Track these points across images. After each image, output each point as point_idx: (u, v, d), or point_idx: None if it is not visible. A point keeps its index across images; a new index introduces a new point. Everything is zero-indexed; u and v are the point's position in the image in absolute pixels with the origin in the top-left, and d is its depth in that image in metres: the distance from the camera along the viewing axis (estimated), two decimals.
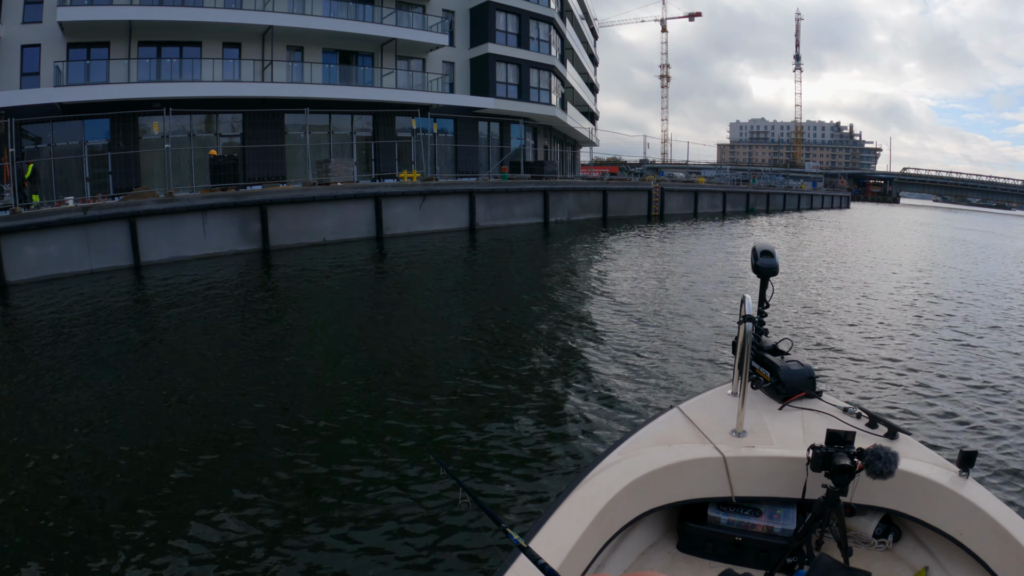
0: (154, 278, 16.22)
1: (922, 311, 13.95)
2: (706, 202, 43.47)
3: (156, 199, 18.87)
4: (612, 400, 7.57)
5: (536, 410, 7.36)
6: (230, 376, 8.61)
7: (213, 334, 11.05)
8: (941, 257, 26.27)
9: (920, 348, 10.66)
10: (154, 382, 8.35)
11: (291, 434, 6.60)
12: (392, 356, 9.68)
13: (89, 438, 6.56)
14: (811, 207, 62.86)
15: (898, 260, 23.86)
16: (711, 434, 3.19)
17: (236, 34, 27.62)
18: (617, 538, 2.78)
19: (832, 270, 19.74)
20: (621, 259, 20.38)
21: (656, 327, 11.41)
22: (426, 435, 6.60)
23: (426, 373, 8.82)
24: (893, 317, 13.26)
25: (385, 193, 23.94)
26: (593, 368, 8.89)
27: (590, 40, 57.36)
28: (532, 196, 30.03)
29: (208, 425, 6.91)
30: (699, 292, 15.02)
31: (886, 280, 18.51)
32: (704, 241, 27.00)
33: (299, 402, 7.51)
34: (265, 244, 20.50)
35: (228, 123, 28.02)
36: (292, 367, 8.97)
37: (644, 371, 8.70)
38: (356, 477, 5.68)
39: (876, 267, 21.25)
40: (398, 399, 7.58)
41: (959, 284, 18.22)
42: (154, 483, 5.57)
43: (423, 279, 16.71)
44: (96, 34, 24.42)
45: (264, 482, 5.58)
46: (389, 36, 31.48)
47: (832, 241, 30.41)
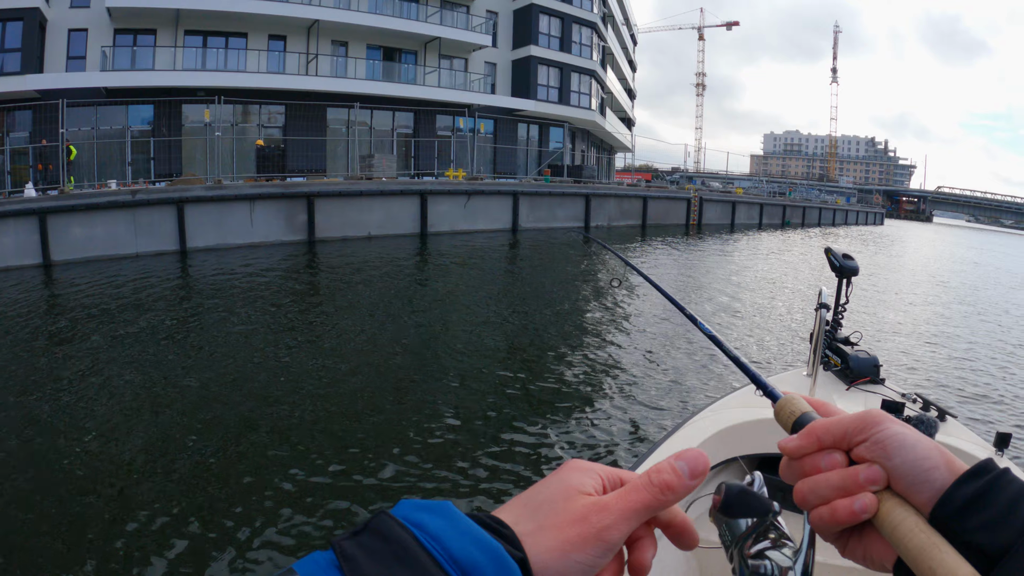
0: (203, 263, 15.83)
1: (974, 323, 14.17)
2: (743, 213, 42.69)
3: (204, 186, 18.49)
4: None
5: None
6: (280, 370, 8.09)
7: (256, 326, 10.55)
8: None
9: (971, 350, 11.31)
10: (193, 369, 7.88)
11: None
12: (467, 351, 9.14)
13: (123, 425, 6.14)
14: (845, 222, 61.90)
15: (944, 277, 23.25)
16: None
17: (282, 26, 27.38)
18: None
19: (890, 280, 19.15)
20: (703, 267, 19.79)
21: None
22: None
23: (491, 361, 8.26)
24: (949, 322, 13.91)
25: (431, 191, 23.44)
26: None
27: (629, 46, 56.90)
28: (574, 200, 29.41)
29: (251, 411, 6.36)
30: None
31: (943, 291, 18.37)
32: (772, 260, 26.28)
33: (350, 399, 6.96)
34: (311, 235, 20.02)
35: (271, 114, 27.71)
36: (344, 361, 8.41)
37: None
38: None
39: (929, 280, 20.63)
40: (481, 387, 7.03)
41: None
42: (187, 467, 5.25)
43: (474, 278, 16.19)
44: (143, 21, 24.27)
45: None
46: (433, 35, 31.14)
47: (882, 255, 29.70)
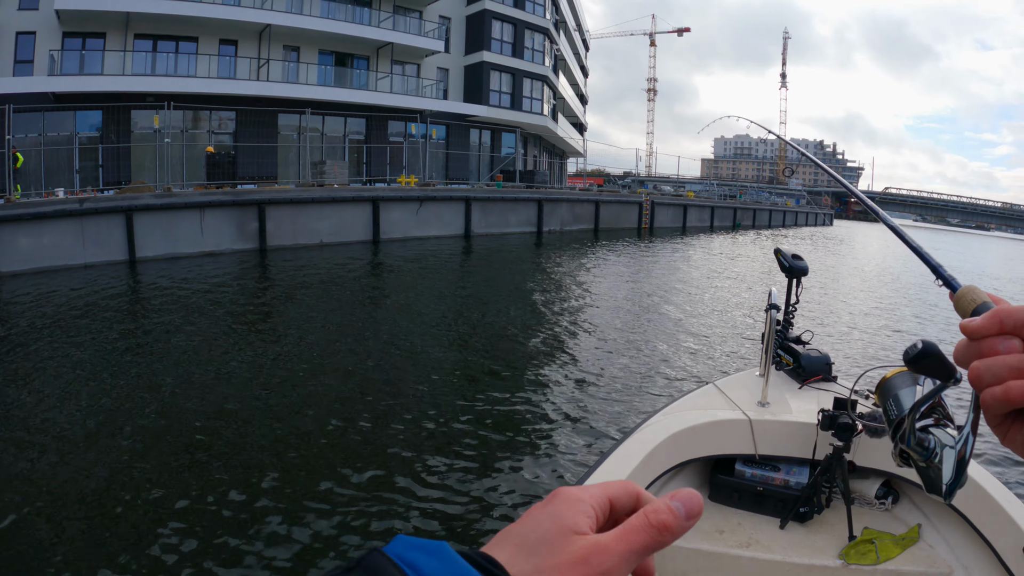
0: (151, 274, 15.82)
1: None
2: (695, 216, 43.68)
3: (154, 194, 18.43)
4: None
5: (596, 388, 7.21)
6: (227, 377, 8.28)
7: (210, 338, 10.69)
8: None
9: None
10: (137, 385, 8.00)
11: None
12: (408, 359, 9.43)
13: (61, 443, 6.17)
14: (795, 224, 63.66)
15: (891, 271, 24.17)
16: (740, 403, 3.69)
17: (233, 31, 27.27)
18: (658, 483, 3.24)
19: (838, 277, 19.85)
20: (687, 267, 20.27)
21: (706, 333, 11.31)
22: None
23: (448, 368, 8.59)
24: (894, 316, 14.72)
25: (383, 197, 23.66)
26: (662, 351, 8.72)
27: (581, 51, 57.62)
28: (527, 205, 29.86)
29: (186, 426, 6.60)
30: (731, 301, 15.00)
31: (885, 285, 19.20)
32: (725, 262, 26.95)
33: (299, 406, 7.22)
34: (262, 243, 20.10)
35: (221, 120, 27.57)
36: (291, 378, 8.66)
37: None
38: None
39: (878, 277, 21.43)
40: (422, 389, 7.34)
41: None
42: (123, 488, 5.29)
43: (427, 286, 16.46)
44: (92, 24, 23.98)
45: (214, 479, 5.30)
46: (386, 40, 31.31)
47: (832, 256, 30.63)
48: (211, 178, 22.36)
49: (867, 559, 3.09)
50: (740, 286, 18.46)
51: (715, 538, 3.24)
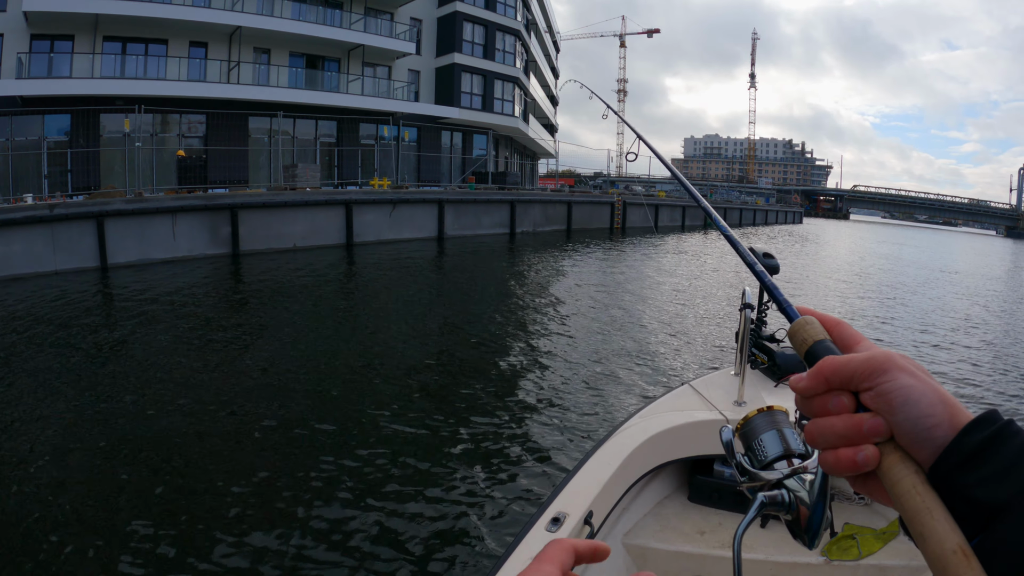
0: (122, 281, 15.68)
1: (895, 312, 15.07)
2: (666, 216, 44.28)
3: (125, 199, 18.34)
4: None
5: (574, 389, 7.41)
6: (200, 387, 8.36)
7: (182, 350, 10.71)
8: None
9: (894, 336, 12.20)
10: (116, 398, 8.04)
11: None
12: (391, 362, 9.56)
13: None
14: (766, 222, 64.73)
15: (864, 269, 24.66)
16: (716, 403, 3.68)
17: (203, 33, 27.08)
18: (638, 486, 3.25)
19: (811, 272, 20.23)
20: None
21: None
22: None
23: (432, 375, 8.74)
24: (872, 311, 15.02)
25: (356, 200, 23.71)
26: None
27: (552, 53, 57.91)
28: (499, 207, 30.10)
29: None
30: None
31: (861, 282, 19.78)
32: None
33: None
34: (235, 248, 20.08)
35: (191, 123, 27.38)
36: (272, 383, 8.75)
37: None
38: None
39: (848, 271, 21.85)
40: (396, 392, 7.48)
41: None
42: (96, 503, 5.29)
43: (401, 291, 16.57)
44: (61, 26, 23.67)
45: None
46: (357, 42, 31.28)
47: (804, 254, 31.11)
48: (182, 182, 22.30)
49: (849, 555, 3.10)
50: (712, 285, 18.84)
51: (696, 539, 3.24)
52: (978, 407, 6.33)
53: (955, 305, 18.47)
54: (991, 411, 0.56)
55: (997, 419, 0.54)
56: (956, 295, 20.98)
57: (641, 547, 3.17)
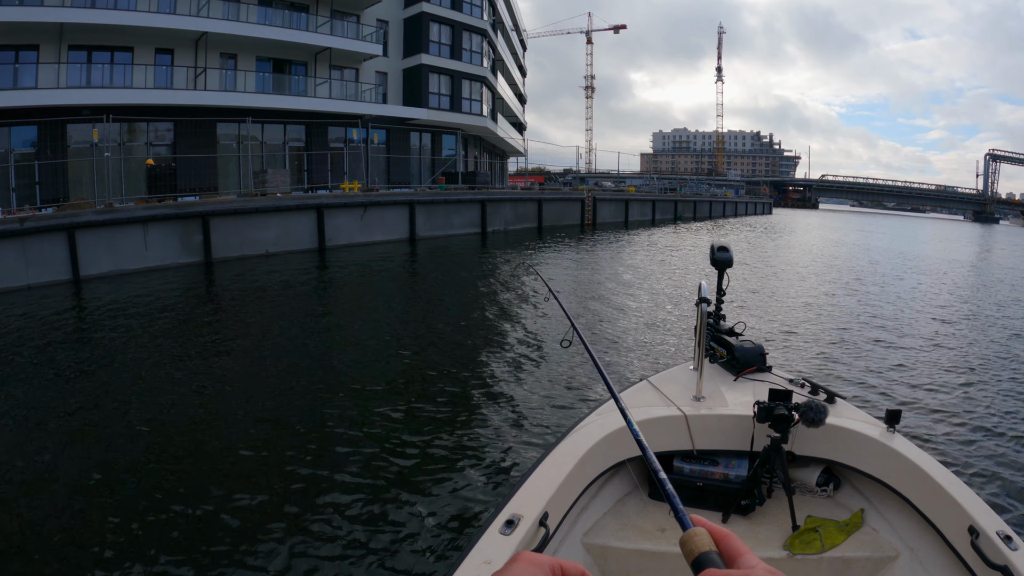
0: (94, 293, 15.71)
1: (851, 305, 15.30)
2: (636, 211, 44.74)
3: (95, 210, 18.31)
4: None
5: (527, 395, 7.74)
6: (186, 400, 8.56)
7: (156, 360, 10.88)
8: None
9: (851, 334, 12.27)
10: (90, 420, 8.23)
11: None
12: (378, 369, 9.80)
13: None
14: (736, 214, 65.62)
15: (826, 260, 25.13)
16: (675, 399, 3.72)
17: (169, 39, 27.03)
18: (596, 484, 3.27)
19: (771, 266, 20.61)
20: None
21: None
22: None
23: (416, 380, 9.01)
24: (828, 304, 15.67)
25: (327, 204, 23.87)
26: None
27: (519, 51, 58.19)
28: (470, 206, 30.37)
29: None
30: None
31: (818, 274, 20.36)
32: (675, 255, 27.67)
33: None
34: (208, 256, 20.14)
35: (159, 131, 27.33)
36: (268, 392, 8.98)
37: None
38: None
39: (806, 263, 22.29)
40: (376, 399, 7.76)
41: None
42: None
43: (372, 295, 16.77)
44: (25, 36, 23.50)
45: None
46: (323, 45, 31.36)
47: (770, 246, 31.60)
48: (152, 191, 22.27)
49: (812, 548, 3.12)
50: (677, 278, 19.31)
51: (657, 537, 3.23)
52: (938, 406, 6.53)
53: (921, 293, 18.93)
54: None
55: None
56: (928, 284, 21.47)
57: (601, 546, 3.22)
